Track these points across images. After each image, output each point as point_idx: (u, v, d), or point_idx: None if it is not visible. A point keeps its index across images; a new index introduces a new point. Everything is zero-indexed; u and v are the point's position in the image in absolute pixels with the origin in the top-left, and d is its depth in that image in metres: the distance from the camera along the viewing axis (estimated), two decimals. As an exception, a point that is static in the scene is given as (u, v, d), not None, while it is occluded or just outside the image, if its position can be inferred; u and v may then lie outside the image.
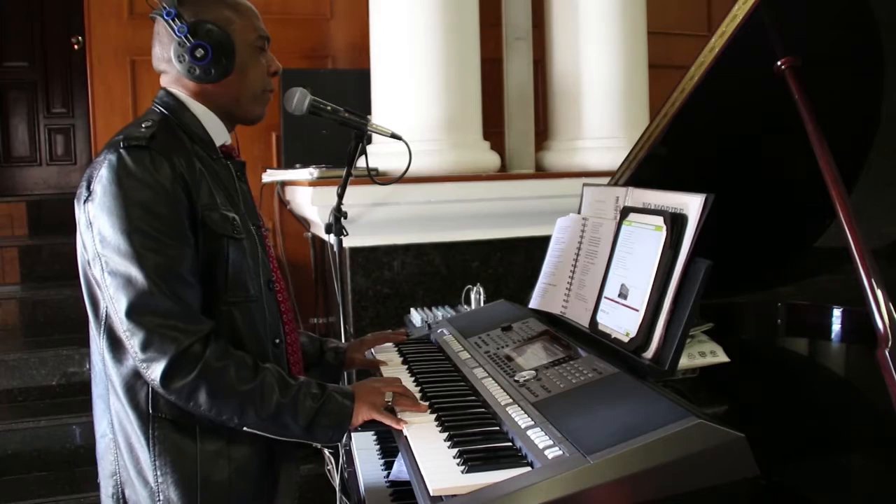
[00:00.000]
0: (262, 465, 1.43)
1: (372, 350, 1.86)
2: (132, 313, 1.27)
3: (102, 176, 1.30)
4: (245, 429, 1.35)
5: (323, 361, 1.76)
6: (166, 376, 1.27)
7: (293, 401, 1.34)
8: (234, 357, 1.33)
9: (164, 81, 1.46)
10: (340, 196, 2.26)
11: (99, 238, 1.30)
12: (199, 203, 1.34)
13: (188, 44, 1.37)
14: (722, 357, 1.58)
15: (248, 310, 1.40)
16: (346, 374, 2.04)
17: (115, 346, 1.34)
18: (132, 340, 1.28)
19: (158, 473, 1.34)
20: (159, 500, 1.34)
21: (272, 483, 1.46)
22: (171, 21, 1.37)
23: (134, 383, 1.34)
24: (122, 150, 1.30)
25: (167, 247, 1.29)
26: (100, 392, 1.42)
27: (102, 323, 1.36)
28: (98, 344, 1.38)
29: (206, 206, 1.35)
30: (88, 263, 1.35)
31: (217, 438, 1.37)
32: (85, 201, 1.33)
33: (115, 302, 1.29)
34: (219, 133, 1.47)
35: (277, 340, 1.47)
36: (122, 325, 1.29)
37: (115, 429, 1.39)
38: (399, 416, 1.39)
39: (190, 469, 1.35)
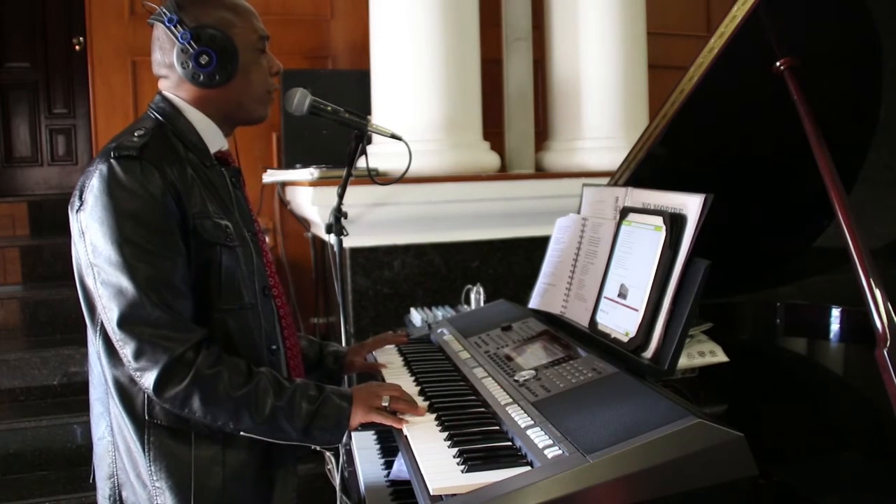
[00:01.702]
0: (258, 471, 1.42)
1: (373, 353, 1.86)
2: (124, 324, 1.28)
3: (93, 186, 1.30)
4: (242, 433, 1.35)
5: (323, 365, 1.76)
6: (159, 384, 1.28)
7: (288, 404, 1.34)
8: (226, 363, 1.33)
9: (164, 86, 1.45)
10: (341, 196, 2.26)
11: (91, 248, 1.31)
12: (190, 212, 1.34)
13: (192, 50, 1.37)
14: (721, 357, 1.58)
15: (242, 317, 1.40)
16: (346, 377, 2.04)
17: (111, 350, 1.34)
18: (125, 350, 1.29)
19: (154, 479, 1.34)
20: (157, 503, 1.35)
21: (268, 488, 1.45)
22: (173, 28, 1.37)
23: (130, 389, 1.35)
24: (112, 161, 1.30)
25: (158, 257, 1.29)
26: (98, 395, 1.42)
27: (98, 328, 1.36)
28: (95, 348, 1.38)
29: (198, 214, 1.35)
30: (82, 271, 1.36)
31: (212, 444, 1.37)
32: (77, 210, 1.33)
33: (107, 312, 1.30)
34: (214, 139, 1.46)
35: (273, 347, 1.47)
36: (114, 334, 1.30)
37: (113, 431, 1.39)
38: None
39: (184, 475, 1.35)
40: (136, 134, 1.35)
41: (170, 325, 1.29)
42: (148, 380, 1.28)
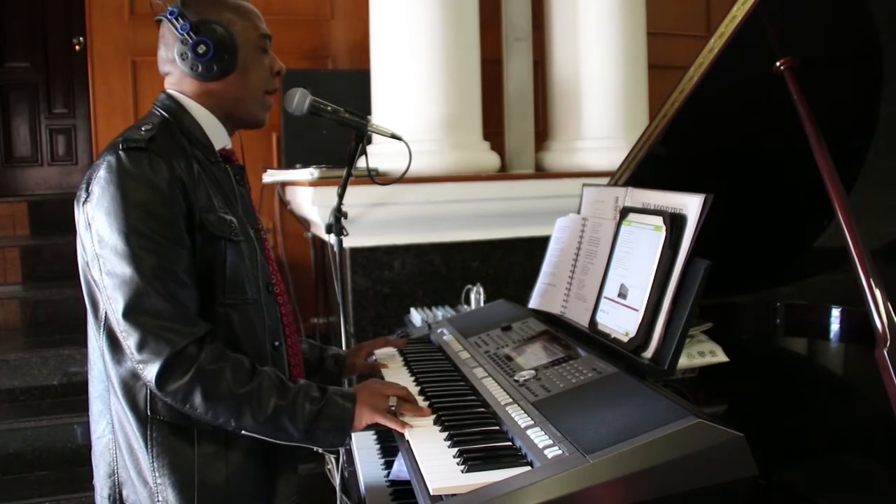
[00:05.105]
0: (259, 468, 1.43)
1: (374, 354, 1.86)
2: (129, 314, 1.28)
3: (101, 177, 1.31)
4: (244, 432, 1.35)
5: (323, 369, 1.76)
6: (161, 378, 1.28)
7: (291, 404, 1.34)
8: (230, 360, 1.33)
9: (168, 84, 1.47)
10: (341, 196, 2.26)
11: (97, 238, 1.31)
12: (196, 205, 1.35)
13: (191, 40, 1.39)
14: (721, 357, 1.58)
15: (245, 312, 1.40)
16: (346, 381, 2.03)
17: (114, 346, 1.35)
18: (128, 341, 1.29)
19: (157, 475, 1.34)
20: (158, 501, 1.35)
21: (270, 485, 1.46)
22: (174, 20, 1.39)
23: (133, 385, 1.35)
24: (120, 152, 1.31)
25: (164, 248, 1.30)
26: (98, 392, 1.42)
27: (102, 324, 1.36)
28: (98, 344, 1.38)
29: (204, 208, 1.36)
30: (87, 264, 1.36)
31: (215, 441, 1.37)
32: (84, 202, 1.34)
33: (112, 302, 1.30)
34: (218, 137, 1.47)
35: (277, 343, 1.47)
36: (118, 325, 1.30)
37: (115, 429, 1.39)
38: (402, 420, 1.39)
39: (187, 471, 1.35)
40: (143, 128, 1.37)
41: (174, 316, 1.29)
42: (150, 372, 1.28)
